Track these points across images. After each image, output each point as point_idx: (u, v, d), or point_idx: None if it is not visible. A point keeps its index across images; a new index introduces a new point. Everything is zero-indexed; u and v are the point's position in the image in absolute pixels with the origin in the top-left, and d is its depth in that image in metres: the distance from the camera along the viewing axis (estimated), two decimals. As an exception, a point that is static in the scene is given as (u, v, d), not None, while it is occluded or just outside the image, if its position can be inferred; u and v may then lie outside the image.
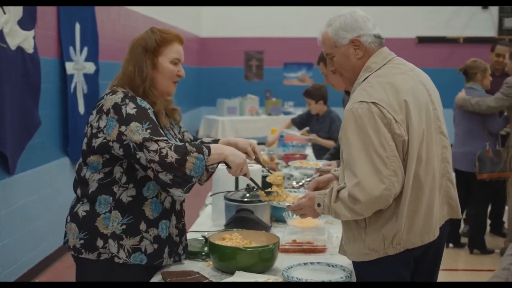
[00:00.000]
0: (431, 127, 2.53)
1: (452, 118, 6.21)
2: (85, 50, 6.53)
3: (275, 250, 2.65)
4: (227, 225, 3.18)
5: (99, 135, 2.53)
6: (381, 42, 2.63)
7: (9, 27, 4.75)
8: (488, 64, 6.22)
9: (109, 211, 2.56)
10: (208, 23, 14.34)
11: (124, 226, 2.56)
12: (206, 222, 3.52)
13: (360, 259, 2.53)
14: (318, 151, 6.14)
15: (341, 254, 2.66)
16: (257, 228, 3.03)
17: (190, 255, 2.83)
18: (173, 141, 2.52)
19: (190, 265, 2.74)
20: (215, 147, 2.59)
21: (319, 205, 2.52)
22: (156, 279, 2.56)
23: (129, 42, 2.69)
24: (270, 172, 2.98)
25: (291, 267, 2.62)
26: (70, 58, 6.16)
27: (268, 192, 2.88)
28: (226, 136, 4.15)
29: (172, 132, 2.76)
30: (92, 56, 6.70)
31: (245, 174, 2.73)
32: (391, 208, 2.43)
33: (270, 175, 2.90)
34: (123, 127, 2.47)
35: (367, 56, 2.59)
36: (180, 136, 2.85)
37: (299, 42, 14.15)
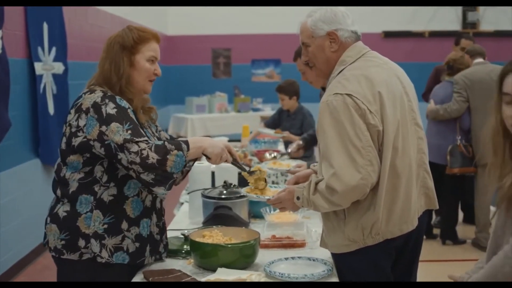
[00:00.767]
0: (406, 119, 2.56)
1: (425, 113, 6.26)
2: (54, 50, 6.46)
3: (256, 246, 2.66)
4: (206, 223, 3.19)
5: (79, 134, 2.52)
6: (358, 38, 2.67)
7: (-23, 28, 4.69)
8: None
9: (91, 211, 2.55)
10: (175, 21, 14.27)
11: (106, 226, 2.55)
12: (184, 220, 3.51)
13: (341, 251, 2.56)
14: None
15: (322, 247, 2.69)
16: (236, 225, 3.05)
17: (171, 253, 2.83)
18: (153, 141, 2.52)
19: (171, 263, 2.74)
20: (193, 141, 2.59)
21: (298, 198, 2.55)
22: (138, 279, 2.56)
23: (102, 41, 2.68)
24: (246, 170, 2.99)
25: (273, 262, 2.64)
26: (39, 59, 6.09)
27: (251, 172, 2.90)
28: (196, 135, 4.14)
29: (150, 131, 2.76)
30: (61, 56, 6.62)
31: (226, 161, 2.74)
32: (369, 198, 2.46)
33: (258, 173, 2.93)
34: (104, 127, 2.47)
35: (342, 50, 2.63)
36: (157, 135, 2.85)
37: (266, 39, 14.19)
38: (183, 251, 2.84)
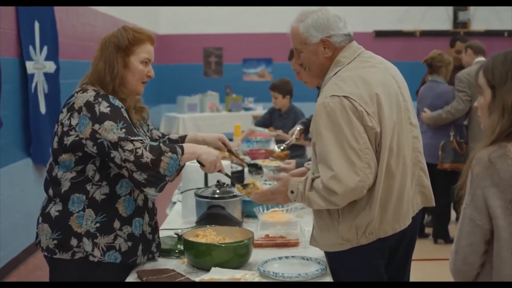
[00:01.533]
0: (402, 118, 2.56)
1: (416, 111, 6.27)
2: (45, 49, 6.43)
3: (250, 245, 2.66)
4: (199, 222, 3.18)
5: (71, 133, 2.51)
6: (351, 40, 2.65)
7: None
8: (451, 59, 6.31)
9: (83, 210, 2.54)
10: (166, 20, 14.25)
11: (98, 224, 2.54)
12: (177, 220, 3.50)
13: (333, 249, 2.56)
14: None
15: (313, 246, 2.68)
16: (229, 224, 3.04)
17: (163, 253, 2.82)
18: (148, 141, 2.52)
19: (164, 263, 2.73)
20: (188, 147, 2.60)
21: (292, 192, 2.53)
22: (132, 278, 2.55)
23: (94, 40, 2.68)
24: (240, 183, 2.99)
25: (266, 262, 2.64)
26: (30, 58, 6.06)
27: (245, 185, 2.89)
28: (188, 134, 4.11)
29: (142, 130, 2.75)
30: (52, 55, 6.59)
31: (220, 170, 2.73)
32: (365, 199, 2.46)
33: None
34: (97, 125, 2.46)
35: (336, 54, 2.61)
36: (149, 134, 2.85)
37: (258, 38, 14.19)
38: (177, 251, 2.83)
